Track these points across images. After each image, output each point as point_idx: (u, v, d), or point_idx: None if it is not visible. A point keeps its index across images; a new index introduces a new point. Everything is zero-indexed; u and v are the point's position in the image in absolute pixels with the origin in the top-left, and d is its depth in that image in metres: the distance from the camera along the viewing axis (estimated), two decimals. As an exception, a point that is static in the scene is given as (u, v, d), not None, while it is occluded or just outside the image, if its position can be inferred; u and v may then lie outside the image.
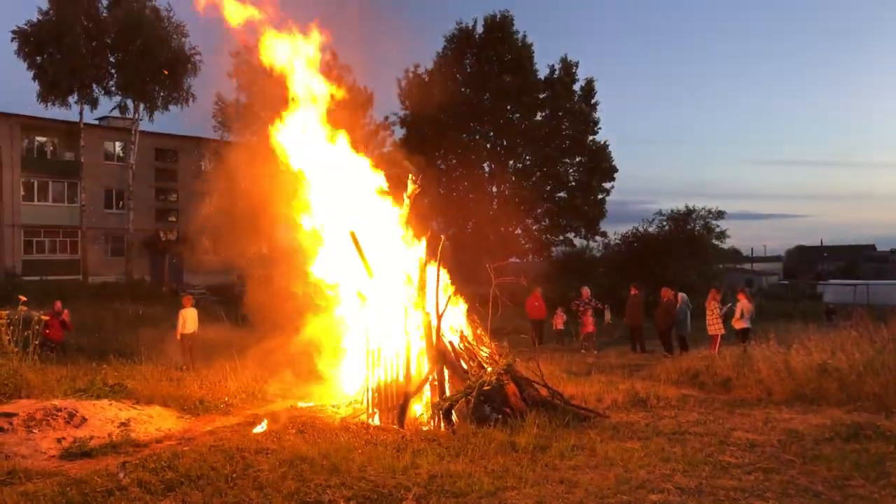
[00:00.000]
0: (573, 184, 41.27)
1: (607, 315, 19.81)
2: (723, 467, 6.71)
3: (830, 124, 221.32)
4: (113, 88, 39.56)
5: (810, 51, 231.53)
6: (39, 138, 41.85)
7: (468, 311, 10.42)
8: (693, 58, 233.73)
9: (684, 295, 17.68)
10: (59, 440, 7.69)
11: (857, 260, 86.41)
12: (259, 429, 8.42)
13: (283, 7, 11.22)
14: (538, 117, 41.16)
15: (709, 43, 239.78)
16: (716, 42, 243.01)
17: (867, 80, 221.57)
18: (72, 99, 38.38)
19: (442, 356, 9.17)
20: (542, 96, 40.79)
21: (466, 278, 10.74)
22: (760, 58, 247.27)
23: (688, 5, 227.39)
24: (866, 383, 10.14)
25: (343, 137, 11.28)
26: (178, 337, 14.87)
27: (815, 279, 63.04)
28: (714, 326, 15.97)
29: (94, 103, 39.48)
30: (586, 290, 19.90)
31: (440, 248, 9.94)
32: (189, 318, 14.86)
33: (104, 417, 8.58)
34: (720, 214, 35.24)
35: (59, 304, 16.52)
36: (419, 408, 9.13)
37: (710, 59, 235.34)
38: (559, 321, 20.83)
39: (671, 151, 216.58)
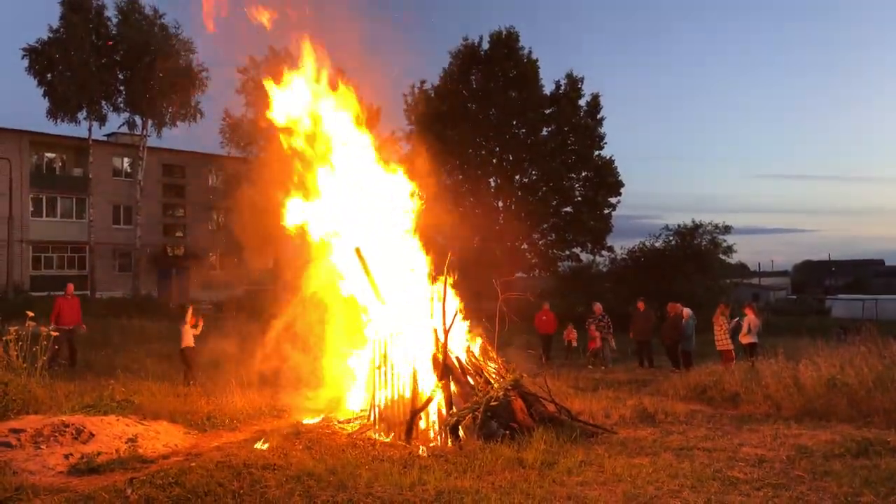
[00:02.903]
0: (579, 199, 41.24)
1: (612, 342, 19.74)
2: (732, 483, 6.67)
3: (838, 139, 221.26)
4: (121, 105, 39.92)
5: (818, 65, 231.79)
6: (48, 154, 42.18)
7: (475, 325, 10.41)
8: (700, 72, 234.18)
9: (689, 310, 17.64)
10: (66, 456, 7.68)
11: (864, 275, 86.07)
12: (259, 446, 8.36)
13: (285, 22, 11.29)
14: (544, 132, 41.22)
15: (716, 57, 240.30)
16: (723, 57, 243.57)
17: (875, 95, 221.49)
18: (81, 115, 38.71)
19: (449, 371, 9.16)
20: (547, 112, 40.88)
21: (473, 293, 10.73)
22: (768, 72, 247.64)
23: (695, 20, 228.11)
24: (876, 399, 10.08)
25: (350, 151, 11.32)
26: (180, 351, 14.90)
27: (823, 294, 62.84)
28: (723, 342, 15.90)
29: (102, 119, 39.80)
30: (598, 306, 19.89)
31: (447, 263, 9.96)
32: (187, 333, 14.89)
33: (112, 433, 8.58)
34: (727, 229, 35.23)
35: (71, 287, 16.63)
36: (425, 424, 9.10)
37: (717, 74, 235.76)
38: (572, 335, 20.81)
39: (677, 166, 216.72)
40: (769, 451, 7.98)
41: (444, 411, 8.90)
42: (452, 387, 9.12)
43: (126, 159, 43.84)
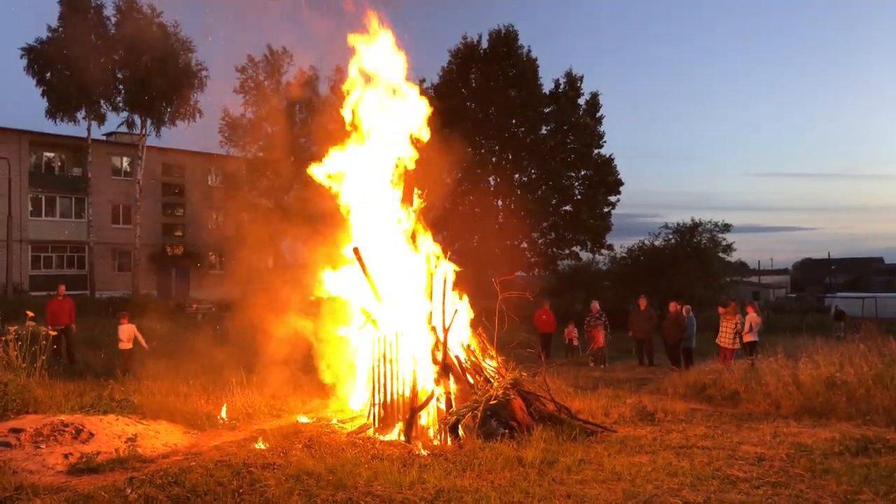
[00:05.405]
0: (579, 197, 41.22)
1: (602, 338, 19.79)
2: (731, 481, 6.67)
3: (837, 136, 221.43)
4: (120, 104, 39.82)
5: (816, 63, 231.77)
6: (47, 154, 42.14)
7: (474, 325, 10.41)
8: (698, 71, 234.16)
9: (689, 307, 17.66)
10: (66, 455, 7.68)
11: (864, 273, 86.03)
12: (259, 445, 8.35)
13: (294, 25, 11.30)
14: (543, 131, 41.20)
15: (714, 56, 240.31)
16: (721, 55, 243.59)
17: (875, 92, 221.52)
18: (80, 115, 38.62)
19: (448, 370, 9.16)
20: (547, 110, 40.85)
21: (472, 292, 10.73)
22: (766, 70, 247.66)
23: (692, 19, 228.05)
24: (875, 397, 10.09)
25: (352, 149, 11.31)
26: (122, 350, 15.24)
27: (823, 292, 62.79)
28: (729, 339, 15.87)
29: (101, 119, 39.68)
30: (595, 305, 19.93)
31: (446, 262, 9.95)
32: (125, 334, 15.09)
33: (111, 433, 8.58)
34: (726, 227, 35.18)
35: (62, 289, 17.14)
36: (426, 422, 9.10)
37: (716, 73, 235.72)
38: (573, 334, 20.87)
39: (677, 165, 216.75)
40: (768, 450, 7.98)
41: (443, 410, 8.90)
42: (452, 385, 9.12)
43: (125, 159, 43.82)
